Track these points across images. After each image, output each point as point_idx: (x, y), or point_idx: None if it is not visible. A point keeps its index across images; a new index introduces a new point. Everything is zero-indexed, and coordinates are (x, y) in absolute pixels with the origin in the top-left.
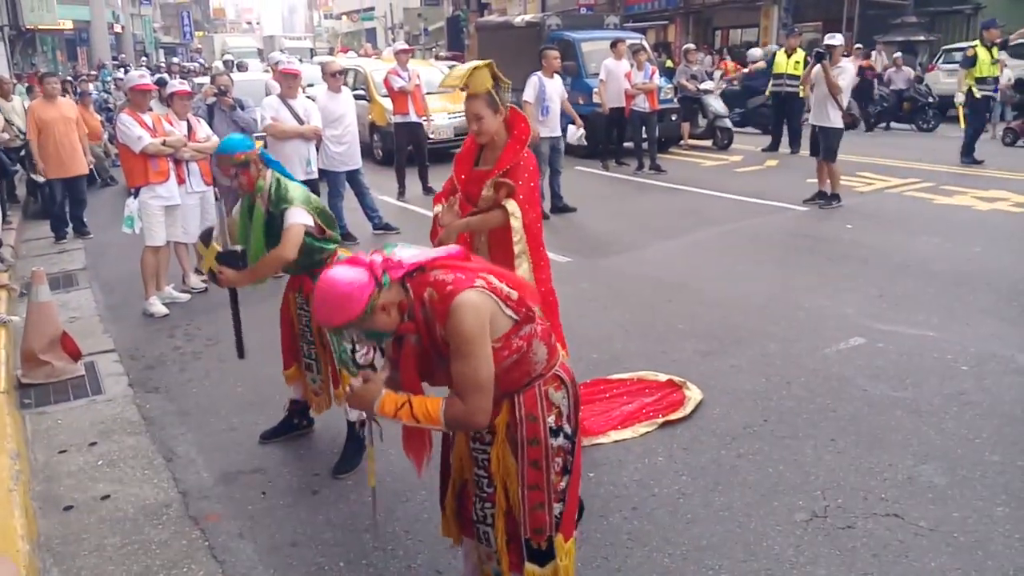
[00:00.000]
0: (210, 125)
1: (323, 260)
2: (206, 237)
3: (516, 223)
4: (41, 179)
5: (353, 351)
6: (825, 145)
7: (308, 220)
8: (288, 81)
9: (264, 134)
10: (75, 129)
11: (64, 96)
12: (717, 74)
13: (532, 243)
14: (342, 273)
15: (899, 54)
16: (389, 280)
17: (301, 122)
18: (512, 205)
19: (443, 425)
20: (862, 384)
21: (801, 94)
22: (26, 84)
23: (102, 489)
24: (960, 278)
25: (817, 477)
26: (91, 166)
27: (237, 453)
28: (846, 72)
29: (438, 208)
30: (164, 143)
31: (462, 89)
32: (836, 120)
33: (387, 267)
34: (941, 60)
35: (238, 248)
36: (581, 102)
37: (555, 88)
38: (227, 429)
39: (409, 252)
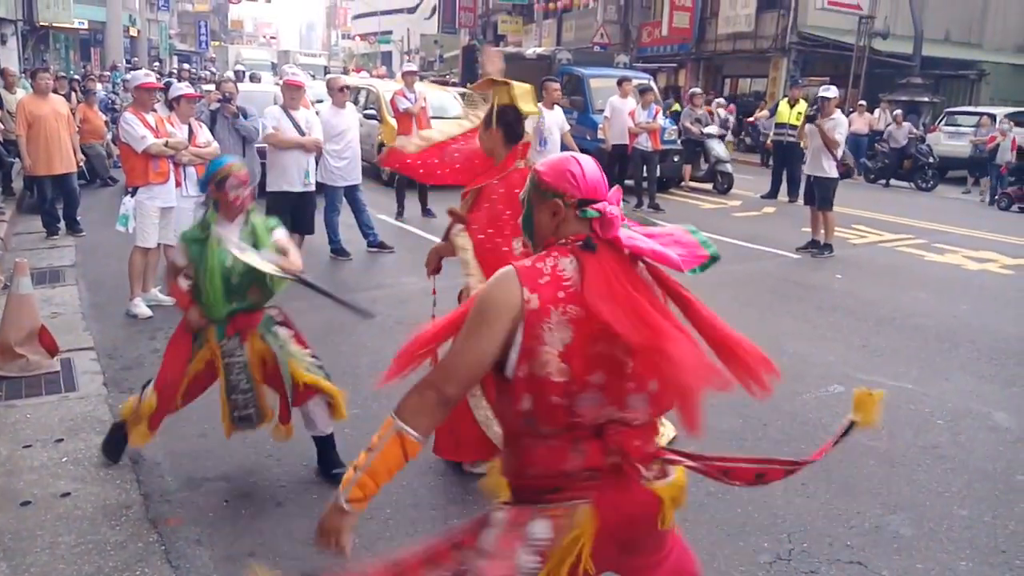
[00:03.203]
0: (211, 131)
1: (270, 295)
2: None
3: (465, 255)
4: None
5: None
6: (820, 195)
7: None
8: (291, 92)
9: (264, 143)
10: (67, 126)
11: (71, 94)
12: (729, 118)
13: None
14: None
15: (899, 111)
16: (589, 211)
17: (303, 133)
18: (462, 239)
19: (413, 436)
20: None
21: (801, 145)
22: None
23: (63, 486)
24: (943, 334)
25: (785, 520)
26: (81, 164)
27: (205, 459)
28: (840, 124)
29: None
30: (167, 144)
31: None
32: (831, 170)
33: (606, 221)
34: (943, 122)
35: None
36: (588, 137)
37: (555, 119)
38: (198, 435)
39: (647, 242)
